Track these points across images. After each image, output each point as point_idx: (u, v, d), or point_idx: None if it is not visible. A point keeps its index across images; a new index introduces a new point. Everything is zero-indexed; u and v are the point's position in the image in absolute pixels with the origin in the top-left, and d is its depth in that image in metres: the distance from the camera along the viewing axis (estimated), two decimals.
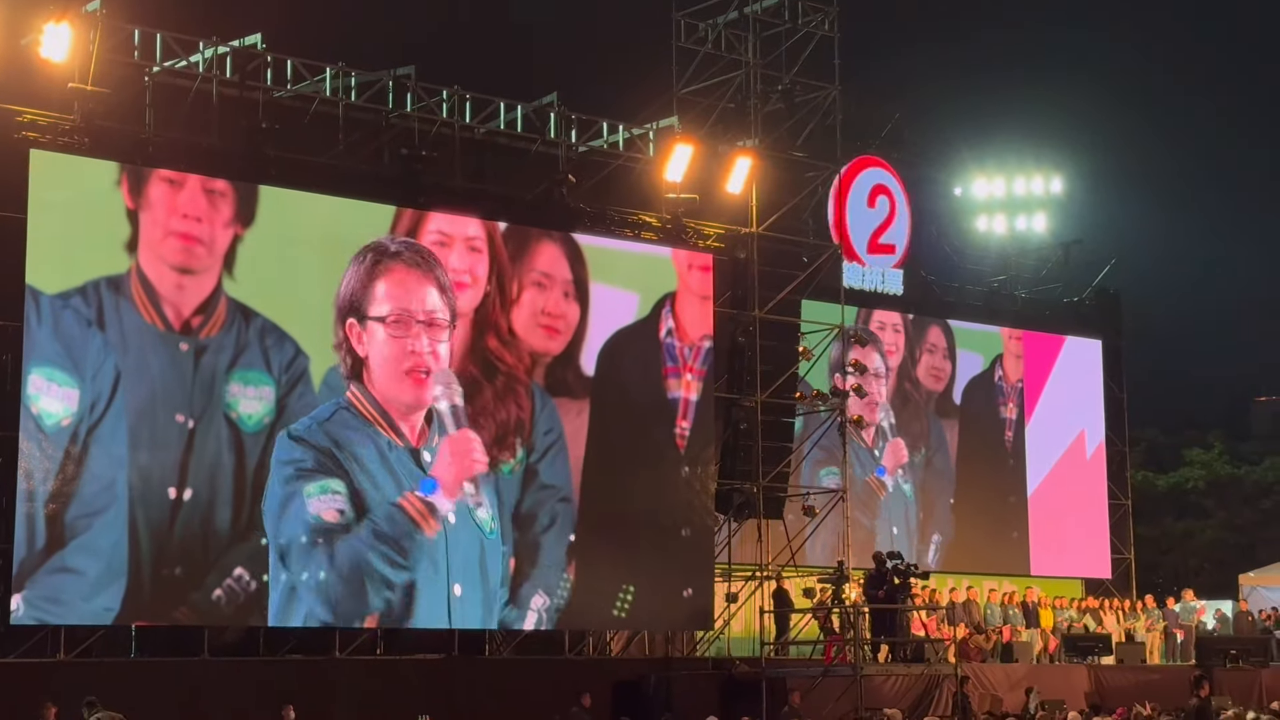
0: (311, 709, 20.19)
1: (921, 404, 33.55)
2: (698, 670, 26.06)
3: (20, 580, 20.45)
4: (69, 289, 21.14)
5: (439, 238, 24.50)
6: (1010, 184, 38.40)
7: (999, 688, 26.77)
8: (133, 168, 21.85)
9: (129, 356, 21.49)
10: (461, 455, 23.75)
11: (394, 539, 22.92)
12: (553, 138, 26.43)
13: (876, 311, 32.92)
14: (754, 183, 27.56)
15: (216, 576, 21.79)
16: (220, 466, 22.09)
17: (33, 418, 20.71)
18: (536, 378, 25.37)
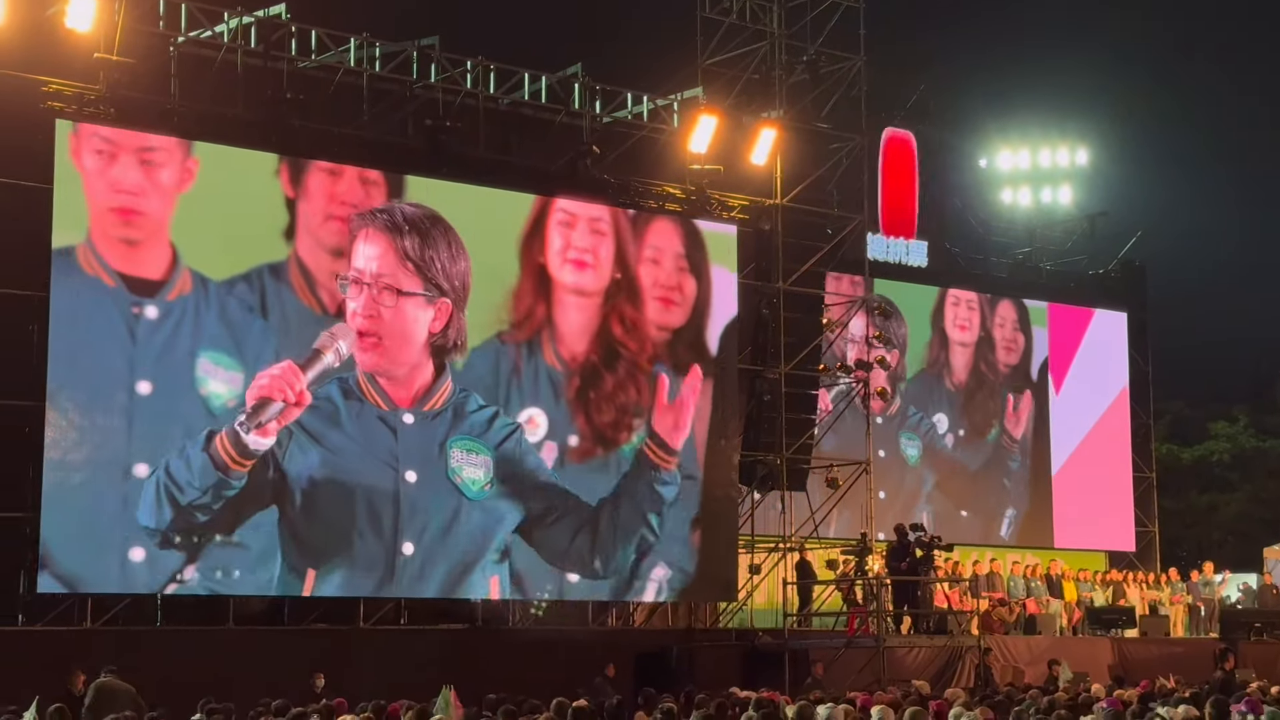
0: (336, 678, 20.26)
1: (997, 383, 33.65)
2: (720, 641, 26.13)
3: (194, 553, 21.20)
4: (234, 275, 21.88)
5: (564, 217, 25.03)
6: (1035, 156, 38.28)
7: (1021, 660, 26.78)
8: (291, 159, 22.56)
9: (289, 339, 22.10)
10: (259, 379, 22.10)
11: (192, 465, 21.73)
12: (577, 108, 26.40)
13: (952, 290, 33.09)
14: (778, 154, 27.50)
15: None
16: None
17: (201, 400, 21.34)
18: (662, 359, 25.75)
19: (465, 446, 23.68)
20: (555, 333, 24.89)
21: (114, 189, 21.27)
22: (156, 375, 21.29)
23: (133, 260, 21.31)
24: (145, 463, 21.07)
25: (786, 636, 25.75)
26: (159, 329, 21.37)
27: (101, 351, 21.02)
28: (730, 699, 17.32)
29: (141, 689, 17.45)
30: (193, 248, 21.67)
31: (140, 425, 21.11)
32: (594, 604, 25.76)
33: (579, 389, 24.99)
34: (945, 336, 33.49)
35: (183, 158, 21.81)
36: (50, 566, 20.42)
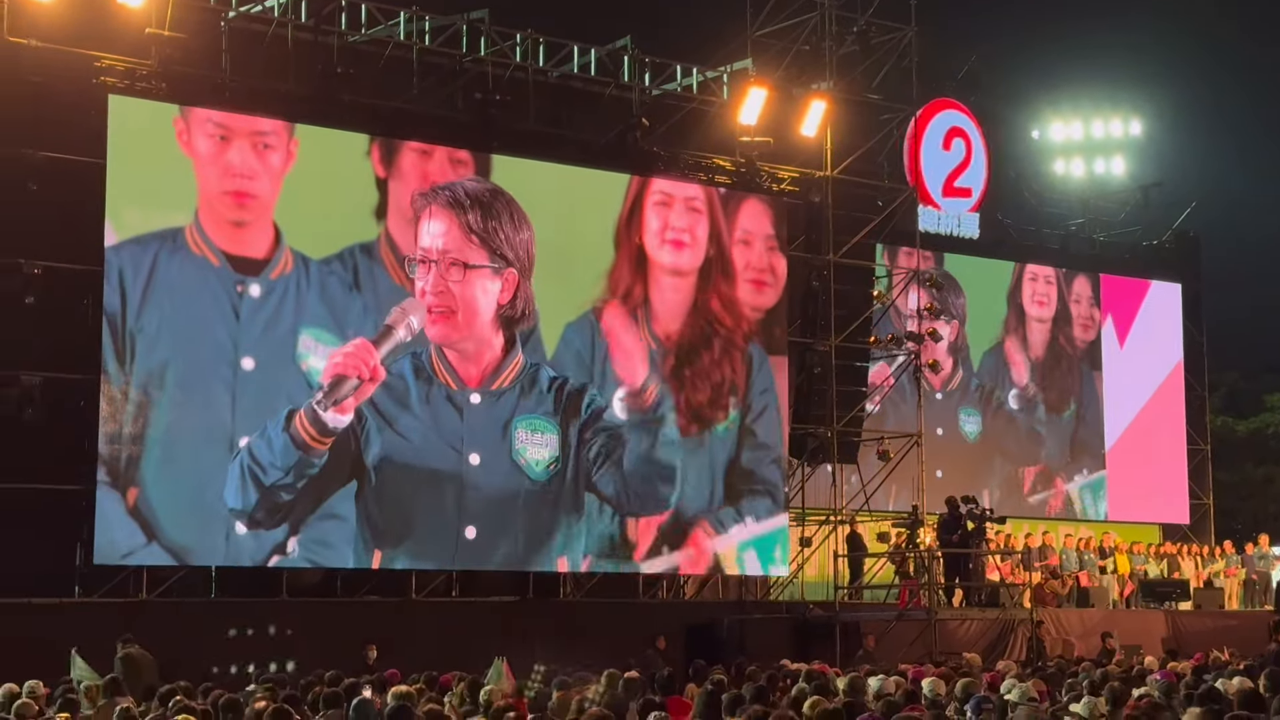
0: (389, 650, 20.38)
1: (1075, 358, 33.55)
2: (771, 614, 26.13)
3: (295, 524, 21.61)
4: (329, 255, 22.25)
5: (660, 197, 25.35)
6: (1088, 126, 37.98)
7: (1074, 633, 26.67)
8: (384, 139, 22.88)
9: (384, 316, 22.50)
10: (333, 357, 22.32)
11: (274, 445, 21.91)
12: (626, 81, 26.34)
13: (1030, 265, 33.03)
14: (828, 126, 27.38)
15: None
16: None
17: (302, 375, 21.78)
18: (755, 338, 25.96)
19: (531, 426, 23.77)
20: (651, 311, 25.10)
21: (229, 172, 21.72)
22: (260, 351, 21.70)
23: (238, 240, 21.71)
24: (249, 437, 21.46)
25: (837, 609, 25.72)
26: (262, 307, 21.77)
27: (207, 329, 21.45)
28: (781, 671, 17.31)
29: (195, 661, 17.60)
30: (293, 227, 22.05)
31: (244, 400, 21.53)
32: (644, 576, 25.80)
33: (674, 367, 25.17)
34: (1023, 312, 33.40)
35: (287, 140, 22.16)
36: (160, 539, 20.83)
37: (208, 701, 13.62)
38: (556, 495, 23.96)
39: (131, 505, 20.72)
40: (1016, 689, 13.12)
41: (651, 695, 13.70)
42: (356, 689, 14.21)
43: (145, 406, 20.94)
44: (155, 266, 21.11)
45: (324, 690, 14.05)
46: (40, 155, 20.55)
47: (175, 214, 21.37)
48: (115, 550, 20.68)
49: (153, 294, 21.08)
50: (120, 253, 20.97)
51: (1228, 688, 13.67)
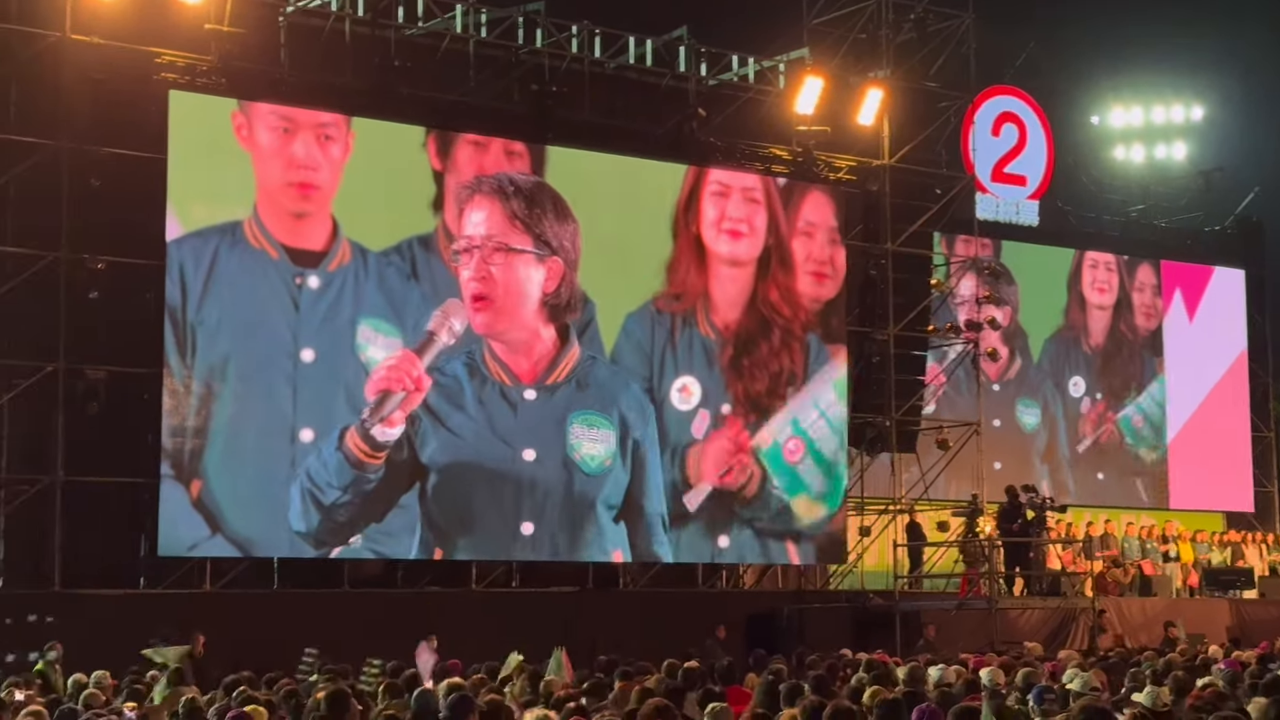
0: (449, 641, 20.47)
1: (1137, 345, 33.39)
2: (831, 603, 26.10)
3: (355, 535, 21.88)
4: (388, 247, 22.39)
5: (718, 187, 25.41)
6: (1149, 112, 37.68)
7: (1136, 622, 26.50)
8: (440, 132, 23.02)
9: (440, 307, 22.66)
10: (376, 372, 22.38)
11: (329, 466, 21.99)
12: (682, 72, 26.34)
13: (1090, 253, 32.88)
14: (886, 114, 27.28)
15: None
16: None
17: (361, 365, 21.95)
18: (813, 328, 25.95)
19: (587, 421, 23.83)
20: (709, 302, 25.19)
21: (293, 164, 21.90)
22: (319, 343, 21.85)
23: (297, 232, 21.87)
24: (310, 428, 21.68)
25: (897, 598, 25.67)
26: (321, 298, 21.94)
27: (267, 321, 21.62)
28: (841, 660, 17.30)
29: (258, 651, 17.73)
30: (351, 219, 22.19)
31: (305, 392, 21.70)
32: (704, 566, 25.81)
33: (732, 357, 25.21)
34: (1083, 299, 33.23)
35: (346, 132, 22.33)
36: (224, 531, 21.03)
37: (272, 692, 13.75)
38: (612, 490, 24.00)
39: (195, 498, 20.91)
40: (1078, 679, 13.06)
41: (711, 685, 13.73)
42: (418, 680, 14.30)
43: (208, 399, 21.13)
44: (215, 260, 21.30)
45: (385, 681, 14.15)
46: (103, 151, 20.78)
47: (234, 208, 21.54)
48: (180, 542, 20.88)
49: (213, 287, 21.26)
50: (181, 247, 21.14)
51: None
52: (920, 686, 13.41)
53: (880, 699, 10.65)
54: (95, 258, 20.70)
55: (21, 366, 20.67)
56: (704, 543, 24.94)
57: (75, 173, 20.69)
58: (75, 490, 20.59)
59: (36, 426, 20.97)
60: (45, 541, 20.70)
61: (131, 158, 20.97)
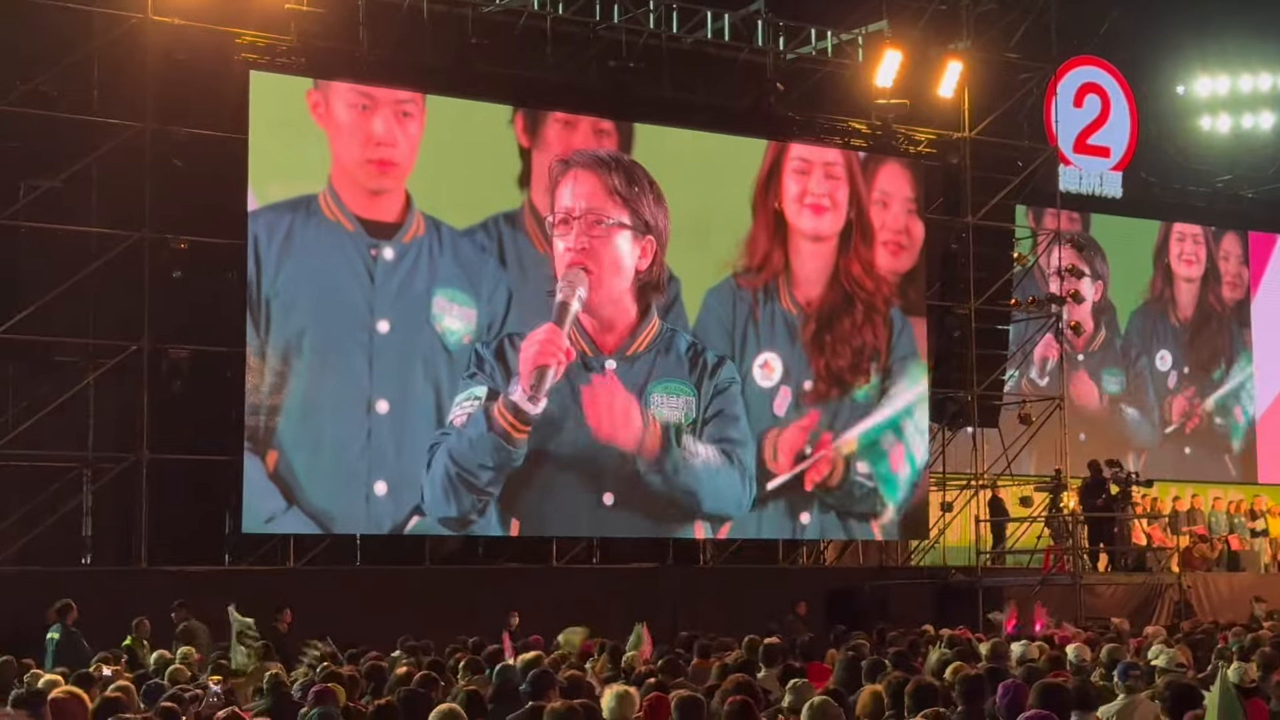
0: (529, 616, 20.54)
1: (1225, 317, 33.07)
2: (913, 579, 25.97)
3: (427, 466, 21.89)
4: (472, 225, 22.53)
5: (799, 164, 25.34)
6: (1235, 81, 37.07)
7: (1223, 597, 26.18)
8: (527, 110, 23.12)
9: (524, 280, 22.83)
10: (527, 348, 22.63)
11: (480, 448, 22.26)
12: (760, 46, 26.18)
13: (1177, 225, 32.56)
14: (966, 86, 27.02)
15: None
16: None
17: (437, 336, 22.02)
18: (895, 302, 25.86)
19: (666, 389, 23.82)
20: (791, 277, 25.10)
21: (371, 141, 21.99)
22: (394, 314, 21.92)
23: (371, 205, 21.96)
24: (385, 399, 21.73)
25: (979, 574, 25.50)
26: (395, 269, 22.01)
27: (342, 293, 21.71)
28: (923, 636, 17.22)
29: (340, 627, 17.85)
30: (427, 194, 22.25)
31: (381, 363, 21.79)
32: (784, 542, 25.75)
33: (814, 333, 25.12)
34: (1170, 271, 32.88)
35: (422, 109, 22.42)
36: (300, 503, 21.14)
37: (355, 667, 13.86)
38: (692, 460, 23.96)
39: (271, 470, 21.01)
40: (1164, 655, 12.93)
41: (791, 661, 13.70)
42: (499, 655, 14.36)
43: (284, 372, 21.21)
44: (291, 233, 21.40)
45: (466, 657, 14.23)
46: (184, 132, 20.95)
47: (311, 184, 21.64)
48: (258, 516, 21.01)
49: (288, 260, 21.34)
50: (256, 221, 21.23)
51: None
52: (1003, 663, 13.33)
53: (963, 675, 10.57)
54: (178, 237, 20.88)
55: (107, 346, 20.90)
56: (785, 519, 24.85)
57: (158, 153, 20.87)
58: (160, 468, 20.82)
59: (122, 406, 21.21)
60: (131, 519, 20.95)
61: (213, 138, 21.14)
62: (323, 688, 10.98)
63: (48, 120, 20.50)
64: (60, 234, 20.62)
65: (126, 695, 11.27)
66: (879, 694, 10.22)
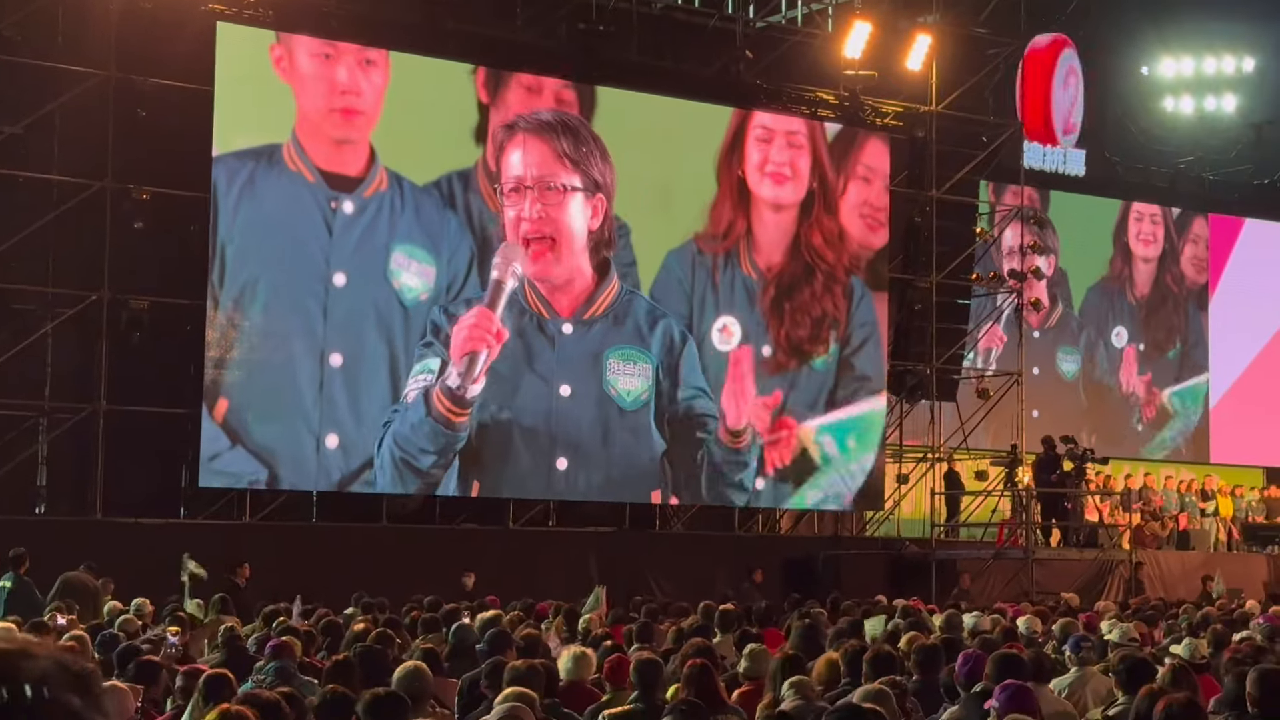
0: (486, 577, 20.58)
1: (1182, 298, 33.24)
2: (867, 550, 26.10)
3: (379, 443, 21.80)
4: (427, 180, 22.32)
5: (762, 132, 25.28)
6: (1199, 63, 37.26)
7: (1174, 575, 26.45)
8: (490, 69, 22.97)
9: (481, 239, 22.61)
10: (457, 334, 22.47)
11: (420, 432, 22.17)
12: (730, 13, 26.15)
13: (1136, 204, 32.76)
14: (934, 60, 27.04)
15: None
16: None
17: (394, 292, 21.90)
18: (857, 271, 25.92)
19: (623, 355, 23.83)
20: (753, 243, 25.12)
21: (335, 90, 21.83)
22: (351, 267, 21.80)
23: (335, 158, 21.81)
24: (339, 352, 21.63)
25: (933, 547, 25.66)
26: (355, 223, 21.88)
27: (299, 244, 21.57)
28: (876, 607, 17.33)
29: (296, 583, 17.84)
30: (390, 149, 22.13)
31: (335, 315, 21.66)
32: (740, 510, 25.84)
33: (774, 299, 25.14)
34: (1128, 250, 33.05)
35: (388, 63, 22.27)
36: (245, 442, 20.98)
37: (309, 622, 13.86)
38: (649, 425, 24.01)
39: (221, 418, 20.86)
40: (1117, 629, 13.05)
41: (748, 627, 13.77)
42: (455, 615, 14.39)
43: (236, 321, 21.07)
44: (252, 180, 21.24)
45: (422, 615, 14.25)
46: (150, 82, 20.76)
47: (275, 135, 21.48)
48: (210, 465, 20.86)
49: (245, 207, 21.17)
50: (217, 166, 21.09)
51: None
52: (957, 634, 13.43)
53: (919, 645, 10.65)
54: (140, 188, 20.72)
55: (66, 295, 20.76)
56: (739, 487, 24.93)
57: (122, 103, 20.69)
58: (117, 420, 20.72)
59: (80, 356, 21.10)
60: (87, 470, 20.86)
61: (178, 89, 20.96)
62: (279, 642, 10.96)
63: (9, 65, 20.27)
64: (21, 180, 20.44)
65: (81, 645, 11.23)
66: (835, 661, 10.30)
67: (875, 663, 9.85)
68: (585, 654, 10.65)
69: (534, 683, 9.02)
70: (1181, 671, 9.42)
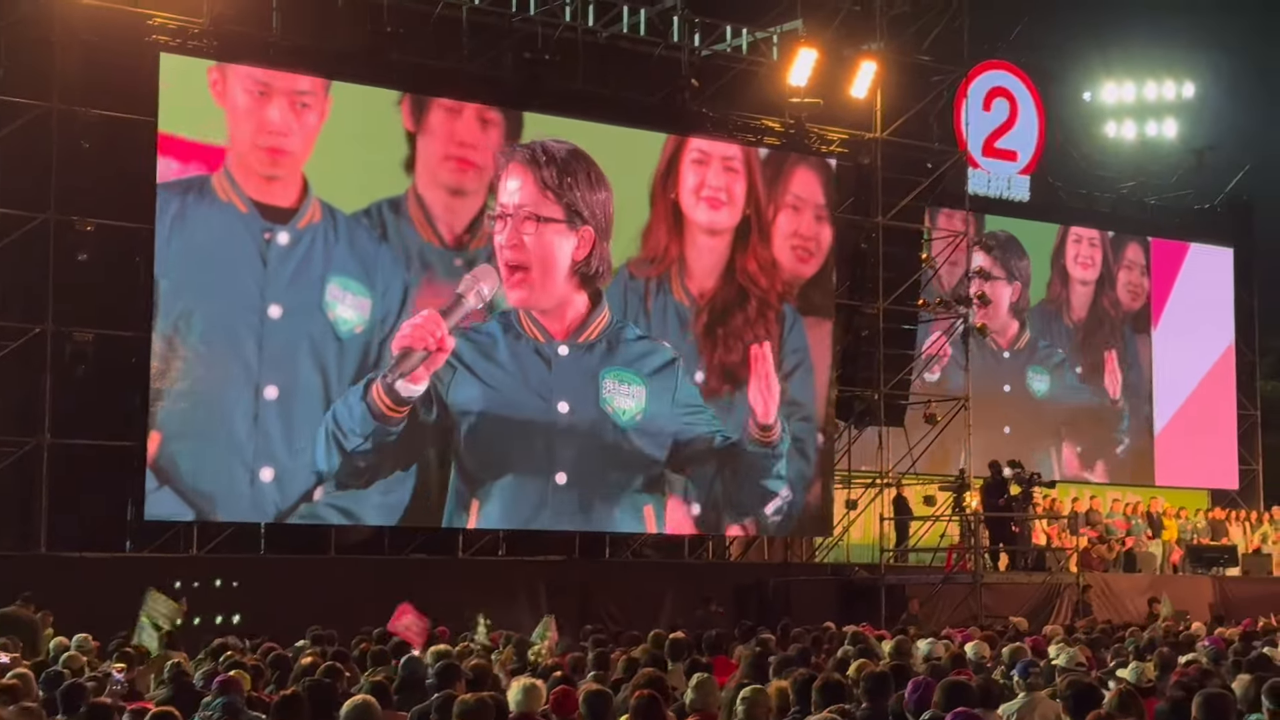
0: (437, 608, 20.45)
1: (1118, 322, 33.44)
2: (816, 576, 26.14)
3: (322, 476, 21.62)
4: (357, 210, 22.17)
5: (697, 155, 25.27)
6: (1140, 89, 37.63)
7: (1120, 598, 26.59)
8: (414, 95, 22.81)
9: (414, 271, 22.53)
10: (403, 329, 22.44)
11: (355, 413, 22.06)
12: (676, 42, 26.23)
13: (1074, 228, 32.94)
14: (878, 87, 27.20)
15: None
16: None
17: (329, 324, 21.76)
18: (789, 299, 25.90)
19: (618, 376, 23.97)
20: (685, 268, 25.11)
21: (264, 129, 21.68)
22: (287, 299, 21.65)
23: (266, 189, 21.68)
24: (275, 385, 21.47)
25: (883, 572, 25.72)
26: (290, 254, 21.74)
27: (234, 276, 21.42)
28: (825, 633, 17.35)
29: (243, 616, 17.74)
30: (322, 179, 22.01)
31: (270, 348, 21.51)
32: (690, 538, 25.84)
33: (706, 325, 25.12)
34: (1066, 274, 33.30)
35: (323, 99, 22.19)
36: (174, 483, 20.79)
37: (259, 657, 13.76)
38: (644, 444, 24.22)
39: (154, 452, 20.67)
40: (1064, 654, 13.11)
41: (698, 656, 13.75)
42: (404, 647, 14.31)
43: (174, 352, 20.90)
44: (183, 212, 21.10)
45: (371, 647, 14.16)
46: (93, 113, 20.69)
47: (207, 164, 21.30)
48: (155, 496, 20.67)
49: (177, 240, 21.01)
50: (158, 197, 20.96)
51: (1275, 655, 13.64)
52: (907, 660, 13.45)
53: (867, 672, 10.66)
54: (84, 220, 20.62)
55: (9, 328, 20.60)
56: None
57: (65, 134, 20.60)
58: (62, 453, 20.56)
59: (24, 389, 20.92)
60: (32, 504, 20.67)
61: (122, 120, 20.88)
62: (226, 677, 10.88)
63: None
64: None
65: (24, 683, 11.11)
66: (784, 690, 10.30)
67: (824, 691, 9.86)
68: (535, 685, 10.59)
69: (484, 716, 8.99)
70: (1128, 696, 9.47)
